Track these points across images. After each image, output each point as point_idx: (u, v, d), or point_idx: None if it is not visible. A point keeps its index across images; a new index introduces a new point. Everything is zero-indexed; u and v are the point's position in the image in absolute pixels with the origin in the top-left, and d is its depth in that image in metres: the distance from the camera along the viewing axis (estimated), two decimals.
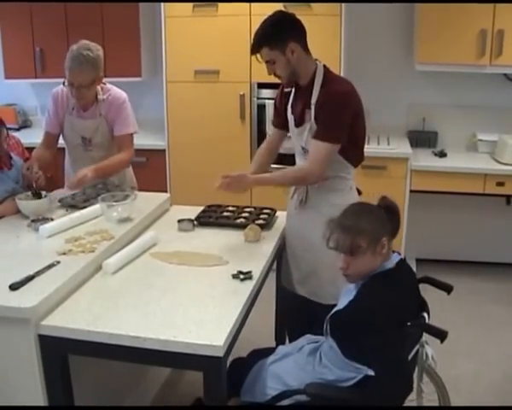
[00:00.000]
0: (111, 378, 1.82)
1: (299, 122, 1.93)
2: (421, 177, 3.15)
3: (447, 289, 1.66)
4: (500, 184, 3.06)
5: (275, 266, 2.07)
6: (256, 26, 1.88)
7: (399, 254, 1.55)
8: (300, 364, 1.61)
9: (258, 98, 3.25)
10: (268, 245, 1.93)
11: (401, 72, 3.45)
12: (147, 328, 1.39)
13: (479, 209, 3.47)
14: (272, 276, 2.01)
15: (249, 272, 1.67)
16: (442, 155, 3.30)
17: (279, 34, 1.83)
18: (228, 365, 1.47)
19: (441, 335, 1.42)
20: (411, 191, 3.19)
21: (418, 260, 3.54)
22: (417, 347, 1.43)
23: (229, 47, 3.19)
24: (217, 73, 3.25)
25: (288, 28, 1.85)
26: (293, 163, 2.09)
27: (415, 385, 1.51)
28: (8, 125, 2.17)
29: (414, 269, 3.42)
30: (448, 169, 3.13)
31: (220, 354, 1.32)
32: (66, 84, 2.22)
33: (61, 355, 1.46)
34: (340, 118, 1.84)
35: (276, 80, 2.08)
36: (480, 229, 3.51)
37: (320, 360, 1.57)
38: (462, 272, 3.43)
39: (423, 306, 1.55)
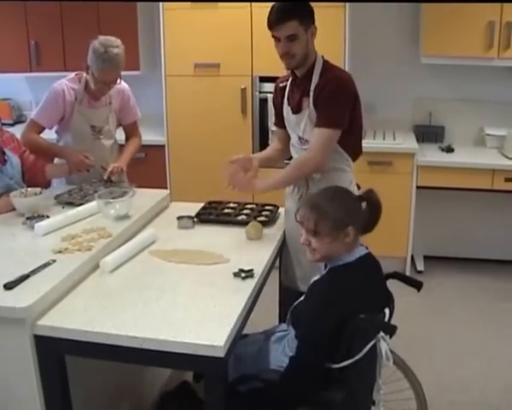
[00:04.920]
0: (110, 379, 1.80)
1: (297, 110, 1.92)
2: (428, 172, 3.11)
3: (416, 285, 1.64)
4: (509, 179, 3.03)
5: (277, 263, 2.04)
6: (258, 18, 1.84)
7: (367, 248, 1.55)
8: (265, 351, 1.62)
9: (260, 92, 3.22)
10: (270, 242, 1.90)
11: (407, 65, 3.40)
12: (146, 328, 1.36)
13: (487, 206, 3.42)
14: (275, 274, 1.98)
15: (251, 271, 1.64)
16: (449, 150, 3.26)
17: (308, 12, 1.84)
18: None
19: (390, 330, 1.42)
20: (418, 187, 3.16)
21: (426, 258, 3.49)
22: (374, 341, 1.41)
23: (229, 40, 3.15)
24: (217, 66, 3.21)
25: (312, 11, 1.86)
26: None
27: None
28: (2, 121, 2.15)
29: (421, 267, 3.40)
30: (455, 165, 3.09)
31: (221, 354, 1.29)
32: (92, 82, 2.29)
33: (57, 356, 1.43)
34: (340, 103, 1.83)
35: (279, 74, 2.03)
36: (488, 226, 3.46)
37: (284, 349, 1.59)
38: (471, 270, 3.39)
39: (388, 301, 1.54)
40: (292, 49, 1.83)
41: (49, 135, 2.54)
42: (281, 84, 2.02)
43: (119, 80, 2.34)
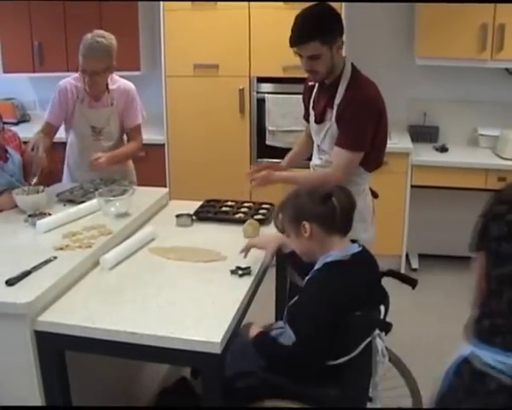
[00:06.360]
0: (109, 375, 1.82)
1: (320, 120, 1.91)
2: (422, 172, 3.14)
3: (411, 283, 1.65)
4: (502, 179, 3.04)
5: (274, 261, 2.05)
6: (256, 19, 1.84)
7: (359, 245, 1.54)
8: None
9: (257, 92, 3.24)
10: None
11: (401, 66, 3.43)
12: (144, 324, 1.38)
13: (480, 205, 3.37)
14: (271, 271, 1.99)
15: (248, 268, 1.66)
16: (443, 149, 3.29)
17: (332, 29, 1.78)
18: None
19: (385, 327, 1.43)
20: (412, 186, 3.18)
21: (420, 256, 3.53)
22: (369, 339, 1.42)
23: (228, 41, 3.17)
24: (216, 67, 3.23)
25: (339, 23, 1.80)
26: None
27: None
28: (6, 120, 2.16)
29: (416, 265, 3.43)
30: (449, 164, 3.12)
31: (218, 350, 1.31)
32: (78, 73, 2.24)
33: (57, 351, 1.45)
34: (363, 127, 1.80)
35: (276, 74, 2.05)
36: None
37: None
38: (464, 268, 3.40)
39: (383, 298, 1.55)
40: (314, 67, 1.80)
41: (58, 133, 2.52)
42: (310, 83, 1.99)
43: (110, 80, 2.30)
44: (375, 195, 2.02)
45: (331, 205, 1.47)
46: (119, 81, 2.40)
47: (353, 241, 1.56)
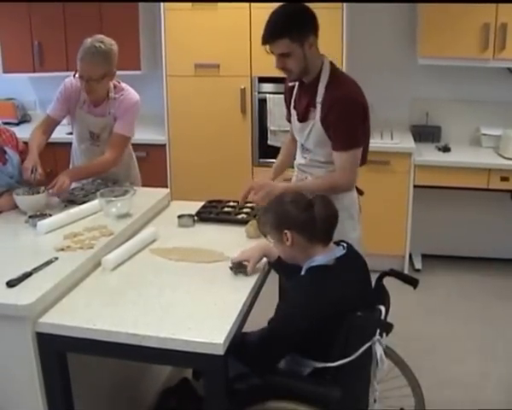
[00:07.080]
0: (111, 376, 1.81)
1: (303, 118, 1.91)
2: (425, 172, 3.14)
3: (412, 283, 1.64)
4: (504, 179, 3.05)
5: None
6: (257, 19, 1.83)
7: (344, 248, 1.53)
8: None
9: (259, 92, 3.24)
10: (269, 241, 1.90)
11: (404, 66, 3.42)
12: (145, 325, 1.38)
13: (483, 204, 3.44)
14: (274, 272, 1.99)
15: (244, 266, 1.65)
16: (446, 149, 3.29)
17: (302, 26, 1.77)
18: None
19: (386, 328, 1.43)
20: (415, 186, 3.18)
21: (424, 256, 3.52)
22: (369, 343, 1.41)
23: (229, 40, 3.18)
24: (217, 66, 3.23)
25: (311, 20, 1.80)
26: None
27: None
28: (7, 120, 2.13)
29: (419, 265, 3.42)
30: (452, 164, 3.11)
31: (220, 352, 1.31)
32: (76, 76, 2.20)
33: (58, 353, 1.45)
34: (352, 124, 1.81)
35: (278, 74, 2.05)
36: (485, 224, 3.49)
37: None
38: (467, 268, 3.42)
39: (384, 298, 1.54)
40: (286, 64, 1.80)
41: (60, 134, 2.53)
42: (290, 84, 1.99)
43: (113, 88, 2.25)
44: (360, 192, 2.02)
45: (312, 214, 1.47)
46: (124, 91, 2.31)
47: (337, 243, 1.55)
